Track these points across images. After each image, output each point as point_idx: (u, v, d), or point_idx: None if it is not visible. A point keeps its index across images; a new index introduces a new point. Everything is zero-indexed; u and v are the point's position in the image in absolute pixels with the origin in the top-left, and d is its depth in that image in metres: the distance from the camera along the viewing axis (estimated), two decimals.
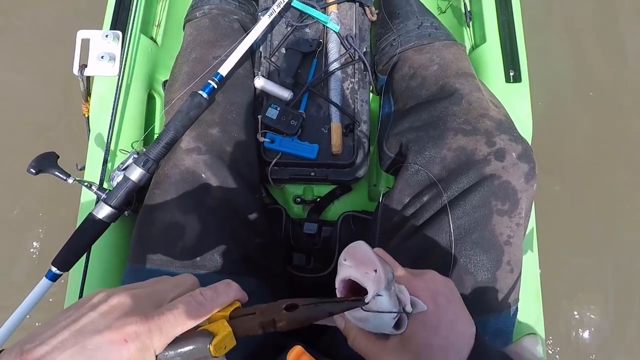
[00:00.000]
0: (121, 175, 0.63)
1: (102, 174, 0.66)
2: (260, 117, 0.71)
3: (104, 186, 0.66)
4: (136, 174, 0.56)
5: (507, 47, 0.73)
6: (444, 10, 0.88)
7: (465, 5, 0.80)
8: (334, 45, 0.76)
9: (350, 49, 0.76)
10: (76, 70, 0.69)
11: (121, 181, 0.57)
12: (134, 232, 0.60)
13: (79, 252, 0.53)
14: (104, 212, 0.54)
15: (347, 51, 0.76)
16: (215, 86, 0.63)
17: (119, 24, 0.72)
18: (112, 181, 0.64)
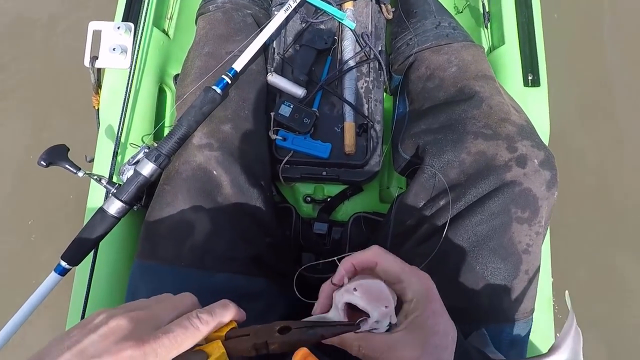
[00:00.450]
0: (131, 169, 0.62)
1: (112, 167, 0.65)
2: (272, 114, 0.70)
3: (113, 180, 0.65)
4: (148, 168, 0.55)
5: (527, 50, 0.71)
6: (461, 10, 0.86)
7: (483, 5, 0.78)
8: (349, 43, 0.74)
9: (365, 47, 0.74)
10: (87, 61, 0.68)
11: (132, 176, 0.55)
12: (143, 228, 0.59)
13: (88, 246, 0.52)
14: (114, 207, 0.53)
15: (362, 49, 0.75)
16: (229, 81, 0.62)
17: (131, 15, 0.71)
18: (122, 175, 0.63)
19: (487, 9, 0.78)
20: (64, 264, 0.51)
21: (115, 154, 0.66)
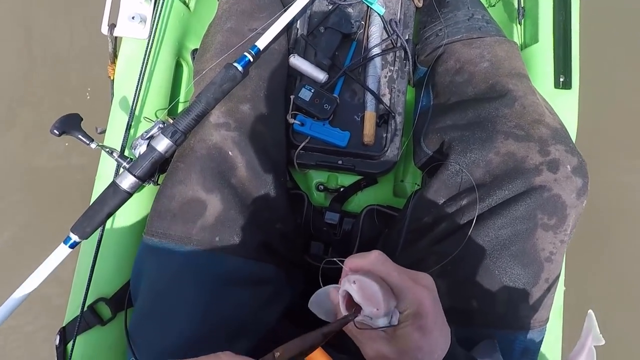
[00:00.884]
0: (144, 144, 0.60)
1: (124, 140, 0.63)
2: (292, 97, 0.67)
3: (125, 154, 0.63)
4: (163, 144, 0.53)
5: (560, 50, 0.68)
6: (494, 4, 0.83)
7: (519, 0, 0.75)
8: (376, 29, 0.72)
9: (393, 34, 0.72)
10: (105, 29, 0.65)
11: (147, 151, 0.54)
12: (154, 205, 0.58)
13: (98, 220, 0.51)
14: (127, 181, 0.52)
15: (389, 37, 0.72)
16: (251, 59, 0.59)
17: None
18: (135, 149, 0.61)
19: (522, 4, 0.75)
20: (73, 236, 0.50)
21: (128, 127, 0.64)
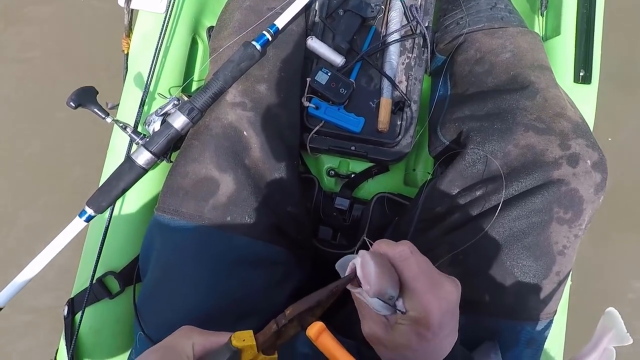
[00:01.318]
0: (158, 120, 0.60)
1: (138, 116, 0.63)
2: (308, 80, 0.66)
3: (138, 129, 0.63)
4: (180, 122, 0.53)
5: (582, 44, 0.67)
6: None
7: None
8: (396, 14, 0.70)
9: (412, 20, 0.70)
10: (122, 1, 0.64)
11: (163, 128, 0.53)
12: (166, 181, 0.58)
13: (114, 195, 0.51)
14: (143, 157, 0.52)
15: (409, 23, 0.71)
16: (269, 38, 0.59)
17: None
18: (148, 126, 0.61)
19: None
20: (89, 210, 0.50)
21: (142, 103, 0.63)
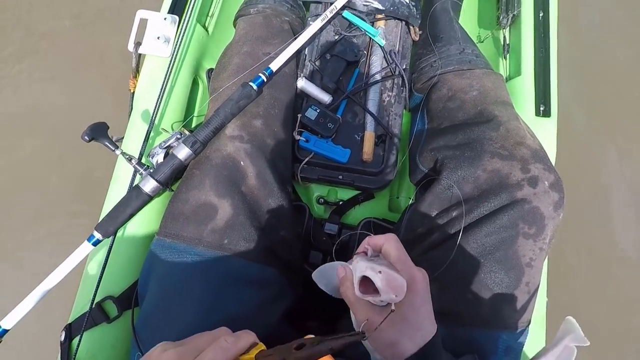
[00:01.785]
0: (162, 153, 0.65)
1: (143, 148, 0.68)
2: (300, 116, 0.74)
3: (142, 161, 0.68)
4: (183, 153, 0.59)
5: (541, 82, 0.76)
6: (483, 40, 0.92)
7: (504, 37, 0.84)
8: (377, 58, 0.79)
9: (392, 63, 0.79)
10: (131, 46, 0.71)
11: (168, 158, 0.59)
12: (168, 208, 0.62)
13: (121, 220, 0.55)
14: (149, 185, 0.57)
15: (388, 65, 0.79)
16: (265, 79, 0.66)
17: (177, 9, 0.75)
18: (152, 158, 0.66)
19: (507, 41, 0.83)
20: (97, 235, 0.54)
21: (147, 137, 0.69)
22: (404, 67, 0.80)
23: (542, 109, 0.75)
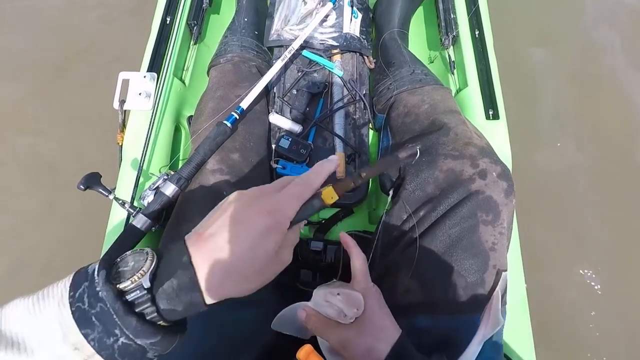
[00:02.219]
0: (151, 194, 0.71)
1: (134, 193, 0.74)
2: (274, 146, 0.81)
3: (134, 204, 0.74)
4: (170, 189, 0.65)
5: (486, 90, 0.85)
6: (433, 60, 1.02)
7: (449, 56, 0.94)
8: (338, 87, 0.88)
9: (352, 91, 0.88)
10: (116, 104, 0.79)
11: (157, 196, 0.65)
12: (161, 243, 0.67)
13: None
14: (141, 222, 0.62)
15: (349, 93, 0.88)
16: (237, 117, 0.74)
17: (154, 67, 0.84)
18: (143, 200, 0.72)
19: (452, 59, 0.93)
20: None
21: (137, 183, 0.75)
22: (363, 92, 0.89)
23: (490, 113, 0.83)
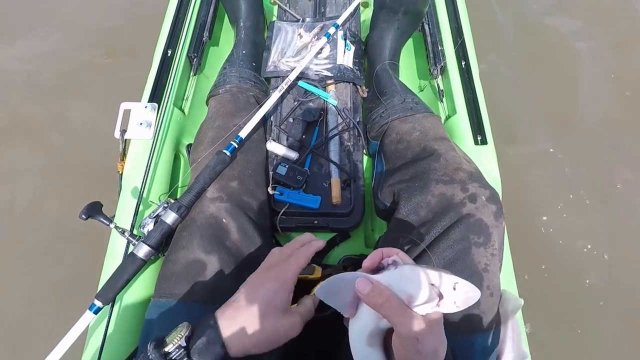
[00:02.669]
0: (151, 222, 0.73)
1: (134, 221, 0.75)
2: (272, 173, 0.83)
3: (134, 233, 0.75)
4: (171, 218, 0.66)
5: (474, 117, 0.89)
6: (423, 89, 1.07)
7: (438, 85, 0.98)
8: (332, 116, 0.92)
9: (346, 119, 0.92)
10: (117, 134, 0.81)
11: (158, 224, 0.66)
12: (160, 271, 0.68)
13: (119, 286, 0.60)
14: (142, 251, 0.63)
15: (343, 121, 0.92)
16: (236, 146, 0.76)
17: (155, 97, 0.87)
18: (143, 228, 0.73)
19: (441, 87, 0.98)
20: (98, 303, 0.59)
21: (136, 211, 0.76)
22: (357, 120, 0.92)
23: (479, 138, 0.87)
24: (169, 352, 0.44)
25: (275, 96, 0.85)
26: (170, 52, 0.94)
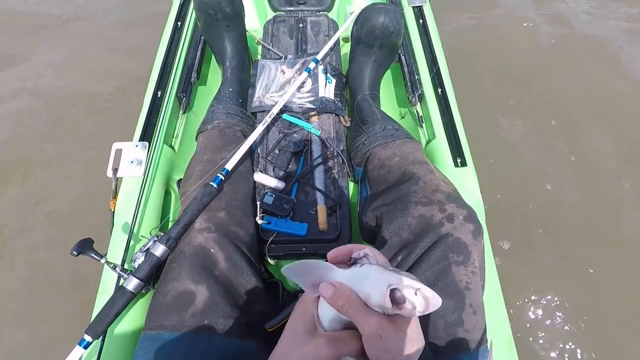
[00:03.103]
0: (142, 256, 0.74)
1: (124, 256, 0.77)
2: (259, 202, 0.86)
3: (125, 267, 0.76)
4: (160, 250, 0.68)
5: (452, 141, 0.93)
6: (404, 116, 1.11)
7: (417, 112, 1.03)
8: (317, 145, 0.95)
9: (330, 148, 0.95)
10: (110, 173, 0.85)
11: (147, 257, 0.68)
12: (151, 303, 0.68)
13: (109, 320, 0.61)
14: (132, 284, 0.64)
15: (327, 149, 0.95)
16: (222, 178, 0.79)
17: (146, 136, 0.91)
18: (134, 262, 0.74)
19: (420, 114, 1.02)
20: (88, 338, 0.60)
21: (127, 245, 0.78)
22: (341, 149, 0.96)
23: (459, 161, 0.90)
24: None
25: (259, 129, 0.89)
26: (160, 92, 0.99)
